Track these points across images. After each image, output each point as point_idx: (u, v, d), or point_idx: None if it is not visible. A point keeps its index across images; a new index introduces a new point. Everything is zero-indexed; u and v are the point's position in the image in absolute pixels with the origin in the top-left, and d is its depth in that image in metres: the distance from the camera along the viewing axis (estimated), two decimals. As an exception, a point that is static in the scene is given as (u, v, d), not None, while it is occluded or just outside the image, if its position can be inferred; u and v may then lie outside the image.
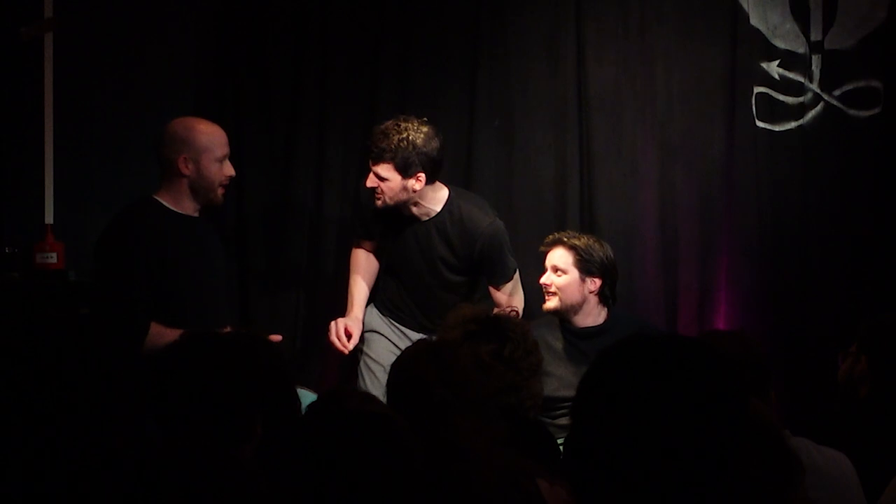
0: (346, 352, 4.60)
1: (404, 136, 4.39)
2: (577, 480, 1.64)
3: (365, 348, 4.70)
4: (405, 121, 4.45)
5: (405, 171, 4.42)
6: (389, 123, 4.45)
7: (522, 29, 5.19)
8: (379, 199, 4.48)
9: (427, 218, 4.57)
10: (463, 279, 4.64)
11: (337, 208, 5.27)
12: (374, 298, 4.79)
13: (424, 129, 4.44)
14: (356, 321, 4.66)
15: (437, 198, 4.57)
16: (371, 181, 4.46)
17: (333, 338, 4.59)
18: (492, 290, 4.65)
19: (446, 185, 4.61)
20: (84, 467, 2.27)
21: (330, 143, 5.26)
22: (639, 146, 5.16)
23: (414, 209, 4.54)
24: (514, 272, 4.64)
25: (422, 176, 4.44)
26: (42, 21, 5.05)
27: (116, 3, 5.25)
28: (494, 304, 4.60)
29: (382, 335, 4.69)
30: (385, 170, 4.42)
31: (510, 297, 4.62)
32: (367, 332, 4.71)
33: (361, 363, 4.71)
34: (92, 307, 4.25)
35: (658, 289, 5.13)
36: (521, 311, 4.52)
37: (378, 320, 4.72)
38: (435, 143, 4.45)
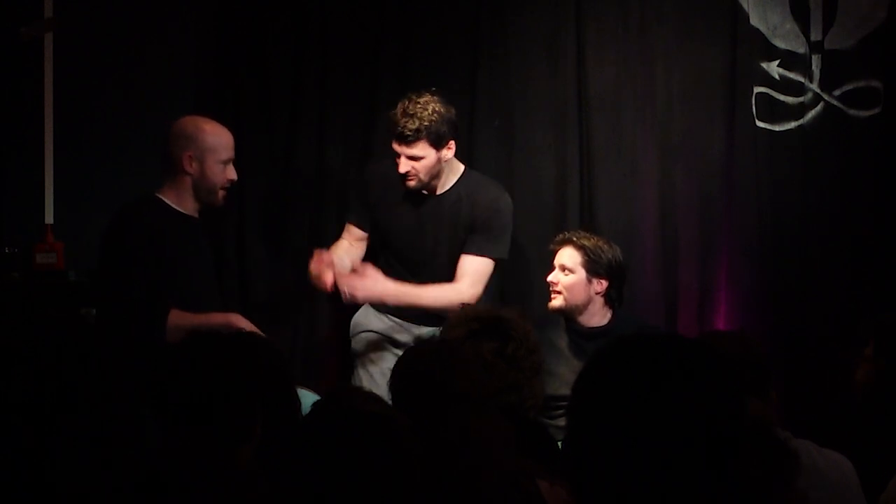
0: (328, 285, 4.44)
1: (430, 109, 4.42)
2: (575, 480, 1.64)
3: (361, 348, 4.69)
4: (419, 96, 4.47)
5: (438, 144, 4.45)
6: (407, 104, 4.45)
7: (522, 29, 5.19)
8: (412, 179, 4.48)
9: (442, 191, 4.58)
10: None
11: (337, 208, 5.26)
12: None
13: (437, 97, 4.48)
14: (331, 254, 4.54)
15: (456, 168, 4.60)
16: (405, 165, 4.45)
17: (315, 266, 4.45)
18: (461, 258, 4.53)
19: (462, 162, 4.65)
20: (84, 467, 2.27)
21: (330, 143, 5.26)
22: (639, 146, 5.16)
23: (434, 181, 4.55)
24: (493, 261, 4.55)
25: (452, 143, 4.49)
26: (42, 21, 5.06)
27: (116, 3, 5.25)
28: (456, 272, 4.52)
29: (379, 333, 4.67)
30: (420, 148, 4.43)
31: (471, 274, 4.49)
32: (363, 332, 4.70)
33: (358, 363, 4.69)
34: (102, 304, 4.24)
35: (658, 289, 5.13)
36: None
37: (374, 319, 4.69)
38: (452, 108, 4.51)
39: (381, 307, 4.69)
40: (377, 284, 4.46)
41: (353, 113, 5.26)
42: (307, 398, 2.72)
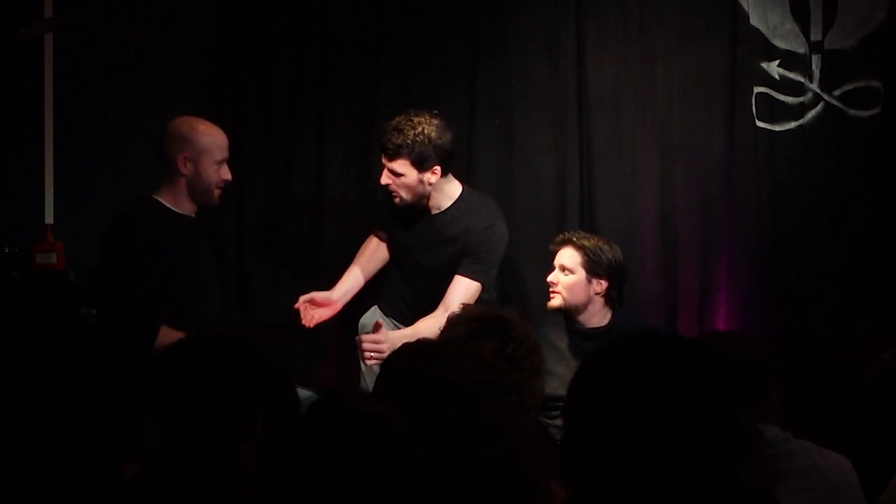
0: (308, 321, 4.64)
1: (419, 129, 4.43)
2: (572, 480, 1.64)
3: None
4: (416, 115, 4.48)
5: (421, 165, 4.45)
6: (401, 119, 4.47)
7: (522, 29, 5.19)
8: (395, 196, 4.52)
9: (437, 211, 4.59)
10: None
11: (337, 208, 5.27)
12: (379, 299, 4.79)
13: (435, 121, 4.48)
14: (327, 294, 4.70)
15: (450, 191, 4.60)
16: (386, 178, 4.49)
17: (299, 305, 4.65)
18: (455, 278, 4.53)
19: (461, 183, 4.66)
20: (84, 467, 2.27)
21: (330, 143, 5.26)
22: (639, 146, 5.16)
23: (426, 201, 4.57)
24: (480, 285, 4.55)
25: (437, 169, 4.48)
26: (42, 21, 5.06)
27: (116, 3, 5.25)
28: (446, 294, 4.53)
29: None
30: (401, 165, 4.45)
31: (461, 296, 4.46)
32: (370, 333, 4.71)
33: (363, 364, 4.70)
34: (100, 308, 4.24)
35: (658, 289, 5.13)
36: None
37: (381, 321, 4.70)
38: (448, 135, 4.50)
39: (389, 312, 4.72)
40: (393, 338, 4.39)
41: (353, 113, 5.26)
42: (307, 398, 2.72)
